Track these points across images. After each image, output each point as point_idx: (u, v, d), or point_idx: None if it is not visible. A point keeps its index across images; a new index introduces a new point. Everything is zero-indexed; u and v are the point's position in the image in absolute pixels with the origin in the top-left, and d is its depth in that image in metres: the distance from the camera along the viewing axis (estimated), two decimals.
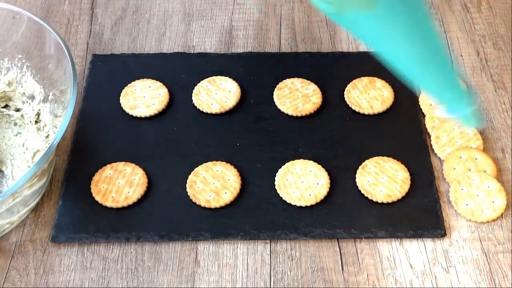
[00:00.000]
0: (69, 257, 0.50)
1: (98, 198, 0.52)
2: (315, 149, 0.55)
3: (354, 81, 0.59)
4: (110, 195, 0.52)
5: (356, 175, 0.53)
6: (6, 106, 0.57)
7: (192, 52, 0.64)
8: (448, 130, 0.56)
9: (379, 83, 0.59)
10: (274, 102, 0.58)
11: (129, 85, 0.59)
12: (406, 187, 0.52)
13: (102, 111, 0.58)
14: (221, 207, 0.51)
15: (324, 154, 0.55)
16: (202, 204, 0.51)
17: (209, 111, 0.58)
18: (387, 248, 0.50)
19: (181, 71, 0.61)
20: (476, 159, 0.54)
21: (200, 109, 0.58)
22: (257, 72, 0.61)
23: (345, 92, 0.59)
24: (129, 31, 0.66)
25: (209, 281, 0.48)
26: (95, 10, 0.68)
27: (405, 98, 0.59)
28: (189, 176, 0.53)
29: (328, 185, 0.52)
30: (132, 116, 0.58)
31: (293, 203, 0.51)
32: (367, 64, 0.62)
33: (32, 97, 0.56)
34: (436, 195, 0.52)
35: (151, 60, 0.63)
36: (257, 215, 0.51)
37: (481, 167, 0.53)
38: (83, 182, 0.53)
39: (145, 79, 0.60)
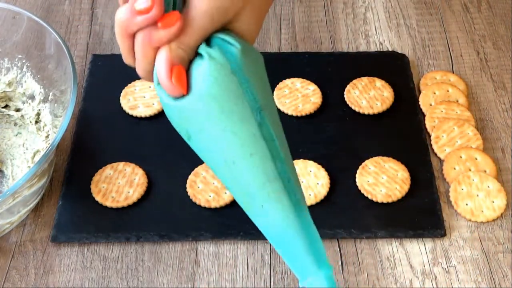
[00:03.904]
0: (69, 257, 0.50)
1: (98, 198, 0.52)
2: (315, 149, 0.55)
3: (354, 81, 0.59)
4: (110, 195, 0.52)
5: (356, 175, 0.53)
6: (6, 106, 0.57)
7: None
8: (448, 130, 0.56)
9: (379, 83, 0.59)
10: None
11: (129, 85, 0.59)
12: (406, 187, 0.52)
13: (102, 111, 0.58)
14: (221, 207, 0.51)
15: (324, 154, 0.55)
16: (202, 204, 0.51)
17: None
18: (387, 248, 0.50)
19: None
20: (476, 159, 0.54)
21: None
22: None
23: (345, 92, 0.59)
24: None
25: (209, 281, 0.48)
26: (95, 10, 0.68)
27: (405, 98, 0.59)
28: (189, 176, 0.53)
29: (328, 185, 0.52)
30: (132, 116, 0.58)
31: None
32: (367, 64, 0.62)
33: (32, 97, 0.56)
34: (436, 195, 0.52)
35: None
36: None
37: (481, 167, 0.53)
38: (83, 182, 0.53)
39: None
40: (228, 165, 0.36)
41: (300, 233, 0.37)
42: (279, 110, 0.58)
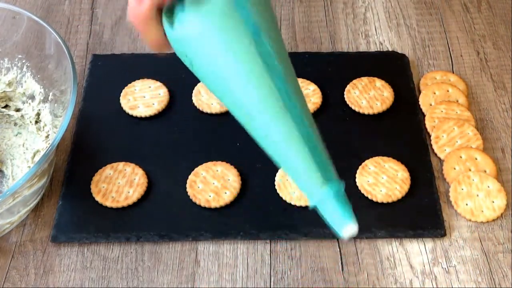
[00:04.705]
0: (69, 257, 0.50)
1: (98, 198, 0.52)
2: None
3: (354, 81, 0.59)
4: (110, 195, 0.52)
5: (356, 175, 0.53)
6: (6, 106, 0.57)
7: None
8: (448, 130, 0.56)
9: (379, 83, 0.59)
10: None
11: (129, 85, 0.59)
12: (406, 187, 0.52)
13: (102, 111, 0.58)
14: (221, 207, 0.51)
15: None
16: (202, 204, 0.51)
17: (209, 111, 0.58)
18: (387, 248, 0.50)
19: (181, 71, 0.61)
20: (476, 159, 0.54)
21: (200, 109, 0.58)
22: None
23: (345, 92, 0.59)
24: (129, 31, 0.66)
25: (209, 281, 0.48)
26: (95, 10, 0.68)
27: (405, 98, 0.59)
28: (189, 176, 0.53)
29: None
30: (132, 116, 0.58)
31: (293, 203, 0.51)
32: (367, 64, 0.62)
33: (32, 97, 0.56)
34: (436, 195, 0.52)
35: (151, 60, 0.63)
36: (257, 215, 0.51)
37: (481, 167, 0.53)
38: (83, 182, 0.53)
39: (145, 79, 0.60)
40: (227, 85, 0.36)
41: (304, 149, 0.37)
42: None
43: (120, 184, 0.52)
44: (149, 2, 0.37)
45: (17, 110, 0.57)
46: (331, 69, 0.62)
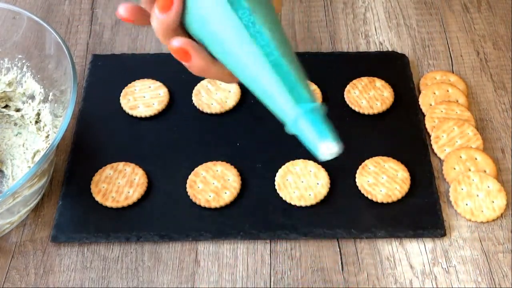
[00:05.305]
0: (69, 257, 0.50)
1: (98, 198, 0.52)
2: None
3: (354, 81, 0.60)
4: (110, 195, 0.52)
5: (356, 175, 0.53)
6: (6, 106, 0.57)
7: None
8: (448, 130, 0.56)
9: (379, 83, 0.59)
10: None
11: (129, 85, 0.59)
12: (406, 187, 0.52)
13: (102, 111, 0.58)
14: (221, 207, 0.51)
15: None
16: (202, 204, 0.51)
17: (209, 111, 0.58)
18: (387, 248, 0.50)
19: (181, 71, 0.61)
20: (476, 159, 0.54)
21: (200, 109, 0.58)
22: None
23: (345, 92, 0.59)
24: (129, 31, 0.66)
25: (209, 281, 0.48)
26: (95, 10, 0.68)
27: (405, 98, 0.59)
28: (189, 176, 0.53)
29: (328, 185, 0.52)
30: (132, 116, 0.58)
31: (293, 203, 0.51)
32: (367, 64, 0.62)
33: (32, 97, 0.56)
34: (436, 195, 0.52)
35: (151, 60, 0.63)
36: (257, 215, 0.51)
37: (481, 167, 0.53)
38: (83, 182, 0.53)
39: (145, 79, 0.60)
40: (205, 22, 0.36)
41: (272, 75, 0.36)
42: None
43: (120, 184, 0.52)
44: (177, 5, 0.36)
45: (17, 110, 0.57)
46: (331, 69, 0.61)
